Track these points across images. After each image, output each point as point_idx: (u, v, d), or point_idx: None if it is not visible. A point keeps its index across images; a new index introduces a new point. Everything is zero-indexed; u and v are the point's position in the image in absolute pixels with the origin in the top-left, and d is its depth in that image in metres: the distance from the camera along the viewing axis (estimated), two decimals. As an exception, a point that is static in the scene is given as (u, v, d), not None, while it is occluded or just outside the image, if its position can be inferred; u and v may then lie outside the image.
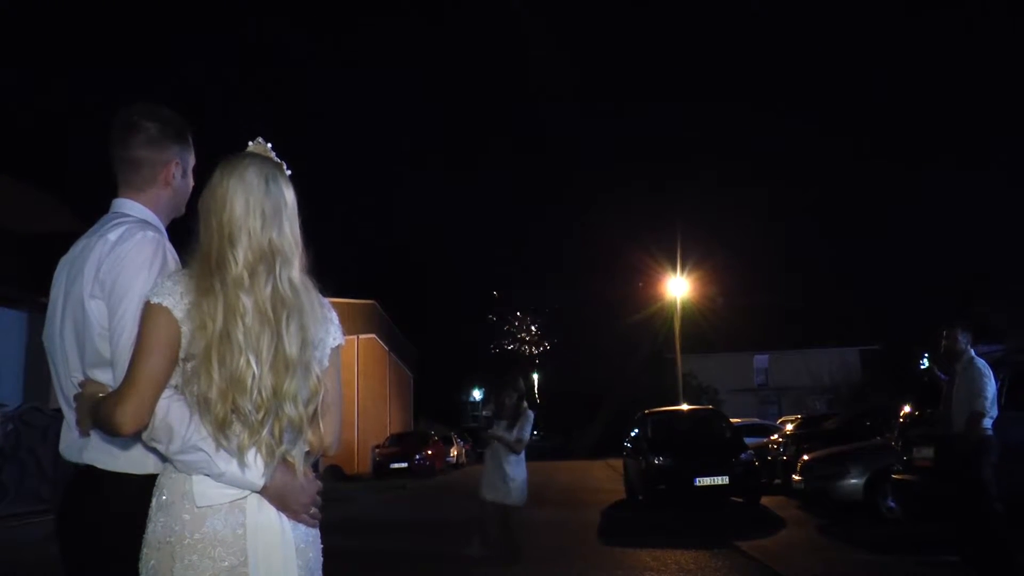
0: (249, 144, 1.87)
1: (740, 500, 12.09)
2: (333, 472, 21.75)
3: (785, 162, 67.65)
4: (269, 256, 1.73)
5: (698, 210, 59.13)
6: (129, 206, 2.03)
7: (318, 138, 68.67)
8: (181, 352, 1.69)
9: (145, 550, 1.68)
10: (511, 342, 71.83)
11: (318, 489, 1.81)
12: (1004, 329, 22.22)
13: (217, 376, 1.65)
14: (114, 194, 2.07)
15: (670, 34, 78.34)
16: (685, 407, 18.75)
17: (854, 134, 65.61)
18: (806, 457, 11.37)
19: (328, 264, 2.03)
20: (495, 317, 70.21)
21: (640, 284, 37.72)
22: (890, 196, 60.30)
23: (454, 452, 30.66)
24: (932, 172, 55.97)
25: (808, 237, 60.99)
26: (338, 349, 1.87)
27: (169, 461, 1.70)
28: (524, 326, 71.88)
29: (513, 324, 71.65)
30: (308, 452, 1.80)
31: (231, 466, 1.66)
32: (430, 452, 25.16)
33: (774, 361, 42.74)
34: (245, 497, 1.69)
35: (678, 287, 28.45)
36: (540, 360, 69.83)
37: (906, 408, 9.53)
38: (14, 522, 8.56)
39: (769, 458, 13.82)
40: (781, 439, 14.71)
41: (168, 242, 1.96)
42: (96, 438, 1.85)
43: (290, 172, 1.86)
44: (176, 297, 1.69)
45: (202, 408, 1.66)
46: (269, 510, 1.71)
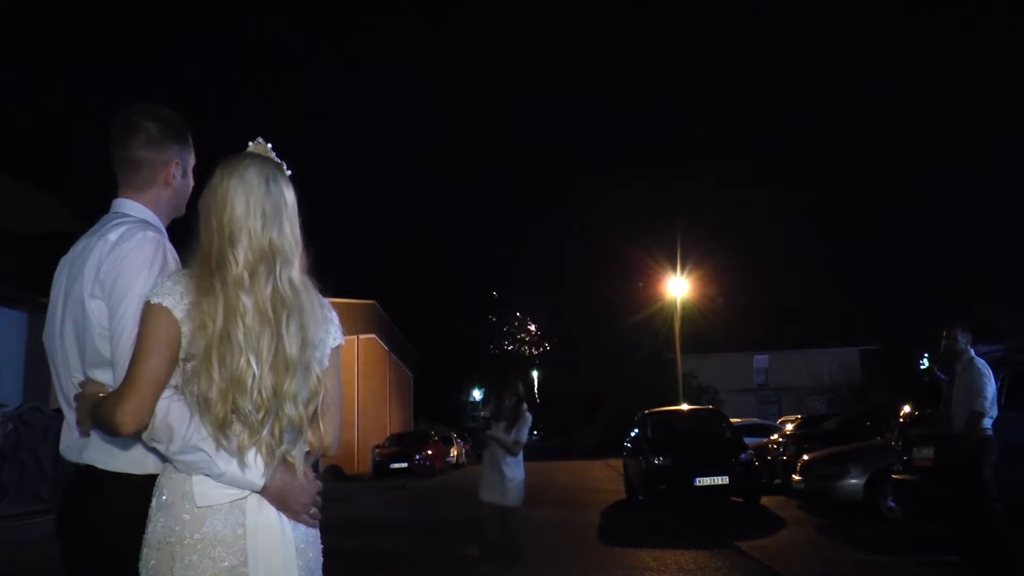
0: (249, 144, 1.87)
1: (740, 500, 12.09)
2: (333, 472, 21.74)
3: (785, 162, 67.59)
4: (269, 256, 1.73)
5: (698, 210, 58.93)
6: (129, 206, 2.03)
7: (318, 138, 68.69)
8: (181, 352, 1.69)
9: (145, 550, 1.68)
10: (511, 342, 71.87)
11: (318, 489, 1.81)
12: (1004, 329, 22.23)
13: (217, 376, 1.65)
14: (114, 194, 2.06)
15: (670, 34, 78.32)
16: (685, 407, 18.74)
17: (854, 134, 65.57)
18: (806, 457, 11.37)
19: (328, 264, 2.03)
20: (495, 317, 70.23)
21: (640, 284, 37.86)
22: (890, 196, 60.29)
23: (454, 452, 30.66)
24: (932, 172, 55.94)
25: (808, 237, 60.84)
26: (338, 349, 1.87)
27: (169, 461, 1.70)
28: (524, 326, 71.92)
29: (513, 324, 71.67)
30: (308, 452, 1.80)
31: (231, 466, 1.66)
32: (430, 452, 25.17)
33: (774, 361, 42.72)
34: (245, 497, 1.69)
35: (678, 287, 28.46)
36: (540, 360, 69.84)
37: (906, 408, 9.54)
38: (14, 522, 8.56)
39: (769, 458, 13.82)
40: (781, 439, 14.71)
41: (168, 242, 1.96)
42: (96, 438, 1.85)
43: (290, 172, 1.86)
44: (176, 297, 1.69)
45: (202, 408, 1.66)
46: (269, 510, 1.71)
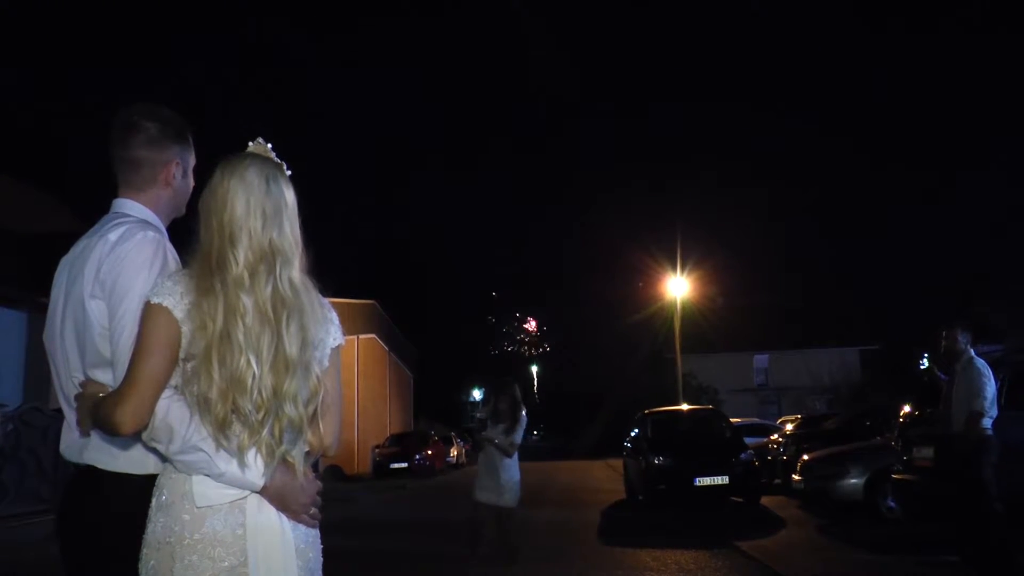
0: (249, 144, 1.87)
1: (740, 500, 12.08)
2: (333, 472, 21.73)
3: (785, 162, 67.68)
4: (269, 256, 1.73)
5: (698, 210, 59.12)
6: (129, 206, 2.03)
7: (318, 138, 68.71)
8: (181, 352, 1.69)
9: (145, 550, 1.68)
10: (511, 343, 71.87)
11: (318, 489, 1.81)
12: (1004, 329, 22.22)
13: (217, 376, 1.65)
14: (114, 194, 2.06)
15: (670, 34, 78.48)
16: (685, 407, 18.74)
17: (854, 134, 65.62)
18: (806, 457, 11.37)
19: (328, 264, 2.03)
20: (495, 318, 70.23)
21: (640, 284, 37.88)
22: (890, 196, 60.29)
23: (454, 452, 30.66)
24: (932, 172, 55.98)
25: (808, 237, 60.93)
26: (338, 349, 1.87)
27: (169, 461, 1.70)
28: (524, 326, 71.92)
29: (513, 324, 71.68)
30: (308, 452, 1.80)
31: (231, 466, 1.66)
32: (430, 452, 25.17)
33: (774, 361, 42.71)
34: (245, 497, 1.69)
35: (678, 287, 28.45)
36: (540, 360, 69.84)
37: (906, 408, 9.55)
38: (14, 522, 8.55)
39: (769, 458, 13.82)
40: (781, 439, 14.70)
41: (168, 242, 1.96)
42: (96, 438, 1.84)
43: (290, 172, 1.86)
44: (176, 297, 1.69)
45: (202, 408, 1.66)
46: (269, 510, 1.71)
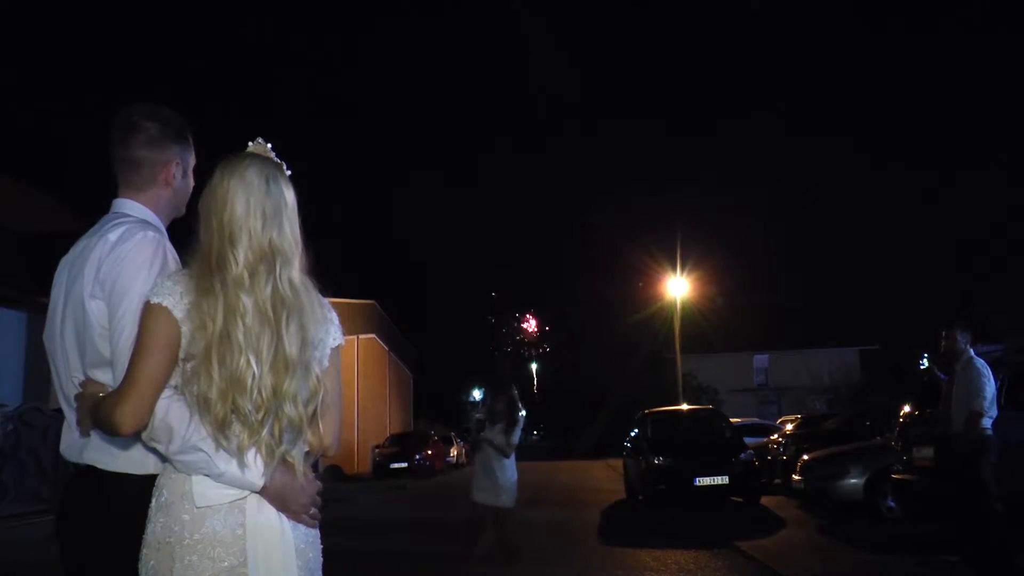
0: (249, 144, 1.87)
1: (740, 500, 12.08)
2: (333, 472, 21.73)
3: (785, 162, 67.62)
4: (269, 256, 1.73)
5: (698, 210, 59.06)
6: (129, 206, 2.03)
7: (318, 138, 68.71)
8: (181, 352, 1.69)
9: (145, 550, 1.68)
10: (511, 343, 71.86)
11: (318, 489, 1.81)
12: (1004, 329, 22.21)
13: (217, 376, 1.65)
14: (114, 194, 2.06)
15: (670, 34, 78.34)
16: (685, 407, 18.75)
17: (854, 134, 65.56)
18: (806, 457, 11.37)
19: (328, 264, 2.03)
20: (494, 318, 70.24)
21: (640, 284, 37.82)
22: (890, 196, 60.25)
23: (454, 452, 30.66)
24: (932, 172, 55.93)
25: (808, 237, 60.87)
26: (338, 349, 1.87)
27: (169, 461, 1.70)
28: (524, 326, 71.91)
29: (513, 324, 71.68)
30: (308, 452, 1.80)
31: (231, 466, 1.66)
32: (430, 452, 25.17)
33: (774, 361, 42.72)
34: (245, 497, 1.69)
35: (678, 287, 28.45)
36: (540, 360, 69.84)
37: (906, 408, 9.54)
38: (14, 522, 8.55)
39: (769, 458, 13.83)
40: (781, 439, 14.70)
41: (168, 242, 1.96)
42: (96, 438, 1.84)
43: (290, 172, 1.86)
44: (176, 297, 1.69)
45: (202, 408, 1.66)
46: (269, 510, 1.71)
